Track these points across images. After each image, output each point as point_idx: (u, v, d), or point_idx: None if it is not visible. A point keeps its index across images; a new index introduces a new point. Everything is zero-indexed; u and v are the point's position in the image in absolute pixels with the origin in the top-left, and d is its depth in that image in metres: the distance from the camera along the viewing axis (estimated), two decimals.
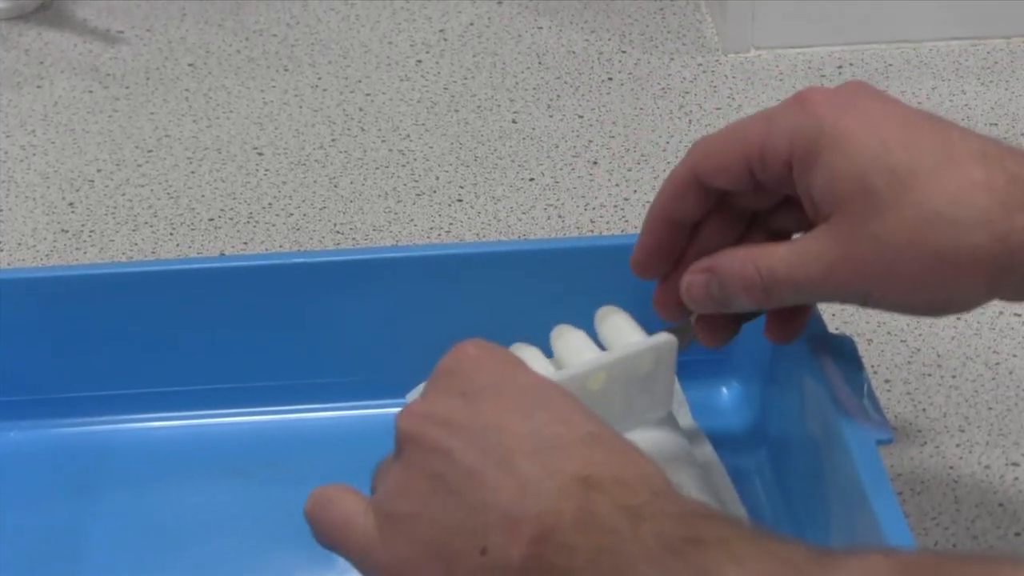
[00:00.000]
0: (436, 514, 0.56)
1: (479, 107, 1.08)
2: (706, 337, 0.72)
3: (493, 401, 0.58)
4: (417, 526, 0.57)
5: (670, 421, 0.76)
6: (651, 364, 0.71)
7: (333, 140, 1.05)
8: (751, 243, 0.69)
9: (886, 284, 0.63)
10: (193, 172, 1.02)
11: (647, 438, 0.76)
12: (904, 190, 0.61)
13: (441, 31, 1.16)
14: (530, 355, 0.72)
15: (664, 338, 0.70)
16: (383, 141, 1.04)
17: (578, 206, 0.98)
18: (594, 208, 0.98)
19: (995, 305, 0.88)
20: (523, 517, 0.54)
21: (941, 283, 0.62)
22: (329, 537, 0.61)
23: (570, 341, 0.72)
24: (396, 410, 0.61)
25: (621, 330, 0.72)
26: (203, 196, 1.00)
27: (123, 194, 1.00)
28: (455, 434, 0.57)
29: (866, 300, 0.64)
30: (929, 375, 0.85)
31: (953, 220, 0.61)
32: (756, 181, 0.67)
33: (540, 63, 1.12)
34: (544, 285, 0.79)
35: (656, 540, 0.52)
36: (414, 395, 0.72)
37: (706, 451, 0.77)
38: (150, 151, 1.04)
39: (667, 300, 0.72)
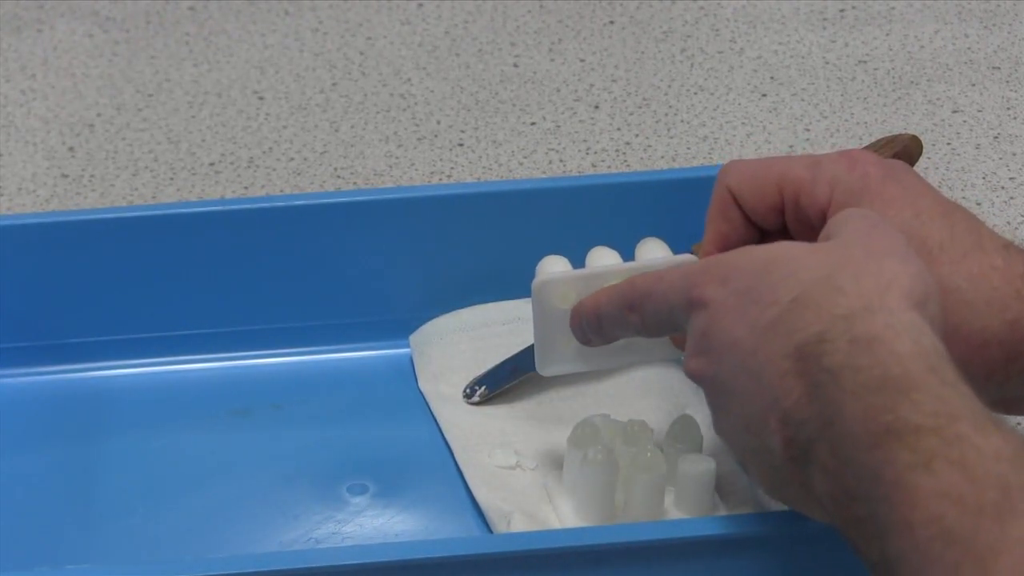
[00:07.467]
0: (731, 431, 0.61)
1: (480, 51, 1.07)
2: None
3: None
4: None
5: (677, 362, 0.77)
6: None
7: (334, 84, 1.05)
8: None
9: None
10: (194, 116, 1.02)
11: (651, 375, 0.77)
12: (930, 262, 0.62)
13: None
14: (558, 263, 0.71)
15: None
16: (384, 85, 1.04)
17: (579, 150, 0.98)
18: (595, 152, 0.98)
19: None
20: (768, 408, 0.57)
21: None
22: None
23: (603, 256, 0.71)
24: (398, 351, 0.61)
25: (649, 251, 0.71)
26: (204, 141, 1.00)
27: (123, 139, 1.00)
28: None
29: None
30: None
31: (969, 300, 0.62)
32: (779, 219, 0.67)
33: (541, 6, 1.12)
34: (547, 224, 0.79)
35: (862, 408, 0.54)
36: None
37: None
38: (150, 95, 1.04)
39: None
